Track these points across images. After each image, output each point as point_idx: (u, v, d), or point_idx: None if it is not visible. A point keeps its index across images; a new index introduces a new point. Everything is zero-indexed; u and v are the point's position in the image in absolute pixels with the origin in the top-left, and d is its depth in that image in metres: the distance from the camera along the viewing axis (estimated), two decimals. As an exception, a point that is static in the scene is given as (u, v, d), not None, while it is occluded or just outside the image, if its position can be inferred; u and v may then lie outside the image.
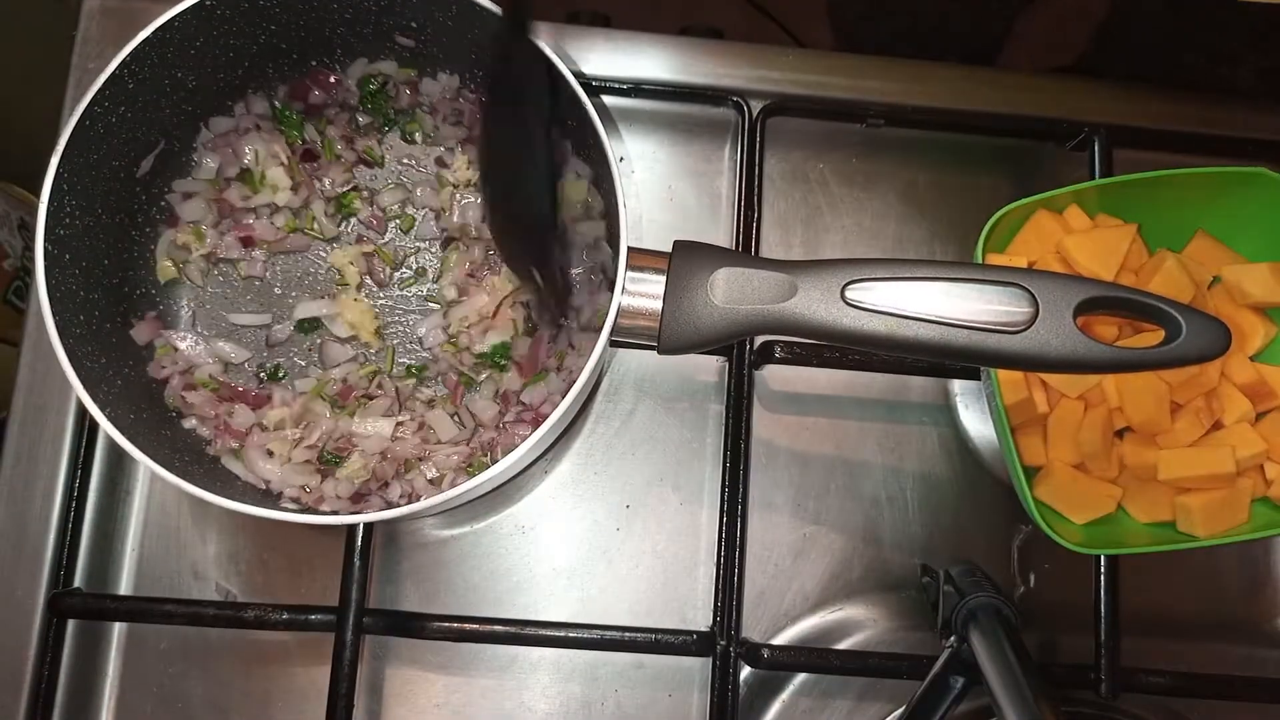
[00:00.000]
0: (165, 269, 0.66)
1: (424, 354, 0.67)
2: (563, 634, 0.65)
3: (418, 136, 0.69)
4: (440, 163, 0.69)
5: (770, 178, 0.75)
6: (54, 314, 0.55)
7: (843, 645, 0.68)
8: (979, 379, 0.71)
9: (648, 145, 0.76)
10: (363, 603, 0.64)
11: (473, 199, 0.68)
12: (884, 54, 0.77)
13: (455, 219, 0.68)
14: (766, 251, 0.74)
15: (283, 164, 0.67)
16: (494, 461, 0.58)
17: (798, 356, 0.69)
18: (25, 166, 1.22)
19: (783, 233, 0.76)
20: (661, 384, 0.73)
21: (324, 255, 0.68)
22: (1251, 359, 0.67)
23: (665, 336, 0.55)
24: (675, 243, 0.56)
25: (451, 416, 0.65)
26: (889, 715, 0.66)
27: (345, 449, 0.64)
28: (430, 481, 0.63)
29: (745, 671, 0.68)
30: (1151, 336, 0.60)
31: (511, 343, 0.66)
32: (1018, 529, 0.72)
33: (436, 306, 0.68)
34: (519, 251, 0.62)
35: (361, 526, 0.64)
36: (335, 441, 0.64)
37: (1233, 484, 0.64)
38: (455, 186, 0.68)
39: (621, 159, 0.75)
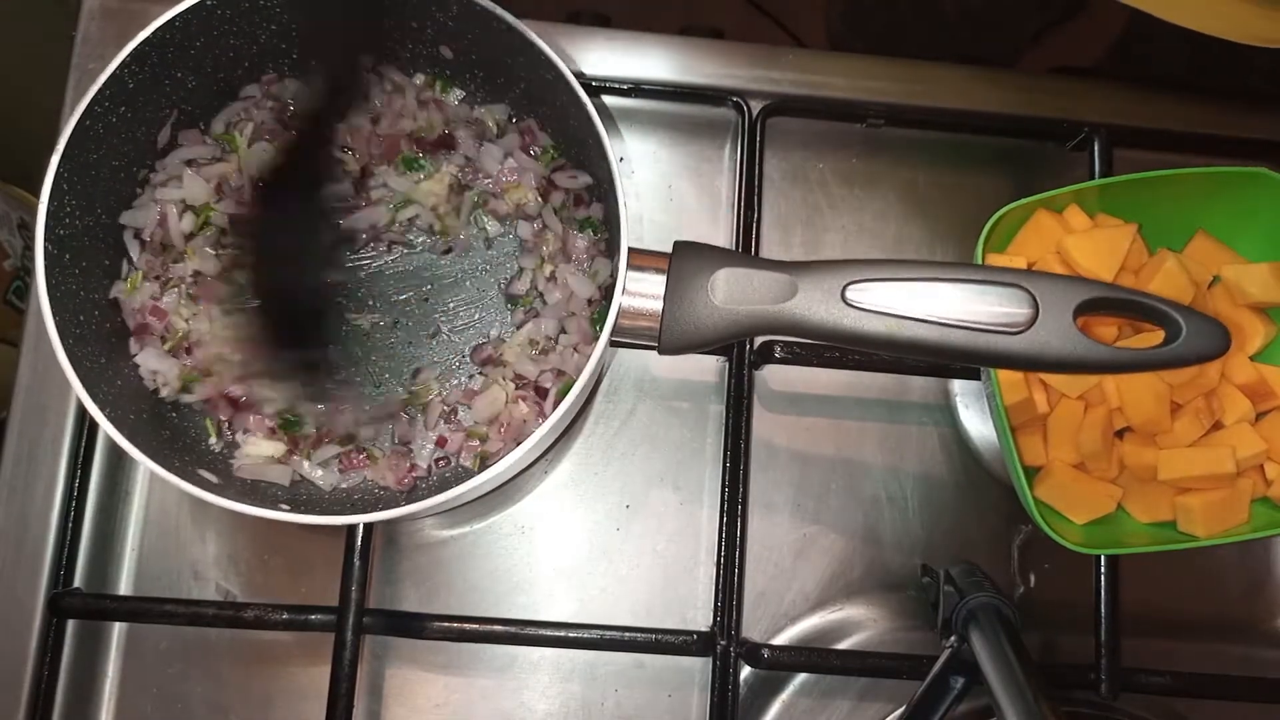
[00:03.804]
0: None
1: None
2: (563, 634, 0.65)
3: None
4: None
5: (770, 178, 0.75)
6: (54, 314, 0.55)
7: (843, 645, 0.68)
8: (979, 379, 0.71)
9: (648, 145, 0.76)
10: (363, 603, 0.64)
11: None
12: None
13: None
14: (766, 251, 0.74)
15: None
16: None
17: (798, 356, 0.69)
18: (25, 166, 1.22)
19: (783, 233, 0.76)
20: (661, 384, 0.73)
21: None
22: (1251, 359, 0.67)
23: (665, 337, 0.55)
24: (675, 243, 0.56)
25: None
26: (889, 715, 0.66)
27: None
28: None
29: (745, 671, 0.68)
30: (1151, 337, 0.60)
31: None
32: (1018, 529, 0.72)
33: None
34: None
35: (361, 527, 0.64)
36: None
37: (1233, 484, 0.64)
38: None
39: (621, 159, 0.75)
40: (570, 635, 0.65)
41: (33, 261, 0.55)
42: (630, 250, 0.56)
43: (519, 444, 0.55)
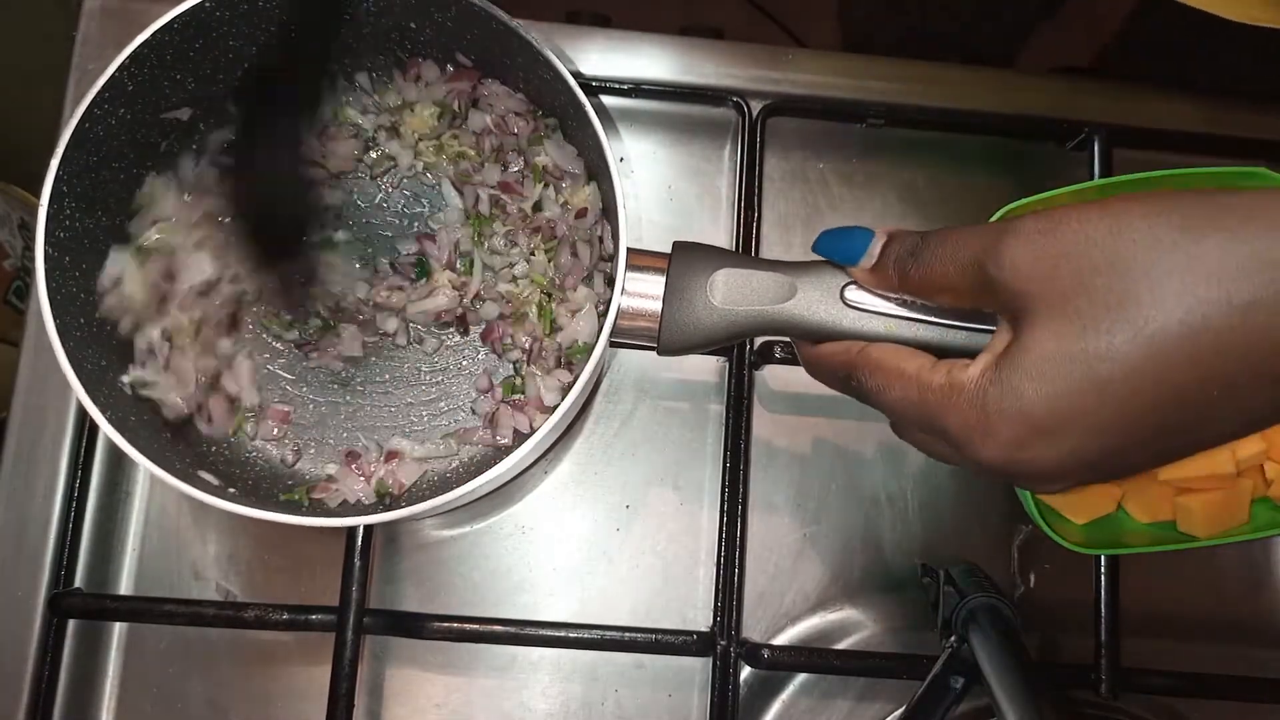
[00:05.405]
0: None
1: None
2: (563, 634, 0.65)
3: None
4: None
5: (770, 178, 0.75)
6: (54, 317, 0.55)
7: (843, 645, 0.69)
8: (979, 379, 0.71)
9: (647, 145, 0.76)
10: (363, 603, 0.64)
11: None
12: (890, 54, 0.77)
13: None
14: (766, 251, 0.74)
15: None
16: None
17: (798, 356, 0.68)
18: (25, 167, 1.22)
19: (783, 233, 0.76)
20: (661, 384, 0.73)
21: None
22: (1251, 359, 0.67)
23: (665, 337, 0.55)
24: (675, 243, 0.56)
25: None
26: (889, 715, 0.66)
27: None
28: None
29: (745, 671, 0.68)
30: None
31: None
32: (1018, 529, 0.72)
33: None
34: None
35: (361, 527, 0.64)
36: None
37: (1233, 484, 0.64)
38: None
39: (621, 159, 0.75)
40: (570, 635, 0.65)
41: (33, 262, 0.55)
42: (629, 250, 0.56)
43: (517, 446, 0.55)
